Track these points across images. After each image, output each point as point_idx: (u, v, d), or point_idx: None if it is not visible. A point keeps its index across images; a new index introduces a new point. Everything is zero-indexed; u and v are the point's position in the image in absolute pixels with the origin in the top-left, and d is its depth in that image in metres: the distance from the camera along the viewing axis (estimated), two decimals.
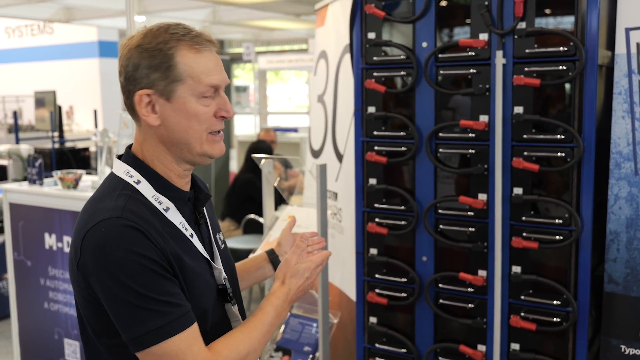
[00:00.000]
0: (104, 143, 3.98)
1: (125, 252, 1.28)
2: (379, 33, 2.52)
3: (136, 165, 1.43)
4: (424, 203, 2.49)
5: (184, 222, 1.43)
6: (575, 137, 2.15)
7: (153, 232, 1.32)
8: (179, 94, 1.36)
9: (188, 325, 1.32)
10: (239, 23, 11.12)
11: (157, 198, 1.40)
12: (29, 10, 9.86)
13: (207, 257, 1.48)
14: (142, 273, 1.28)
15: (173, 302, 1.30)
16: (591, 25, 2.11)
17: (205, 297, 1.44)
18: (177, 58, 1.35)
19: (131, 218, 1.31)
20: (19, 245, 4.03)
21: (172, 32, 1.37)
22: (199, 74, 1.36)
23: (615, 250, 2.21)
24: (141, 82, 1.37)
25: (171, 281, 1.33)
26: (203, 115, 1.38)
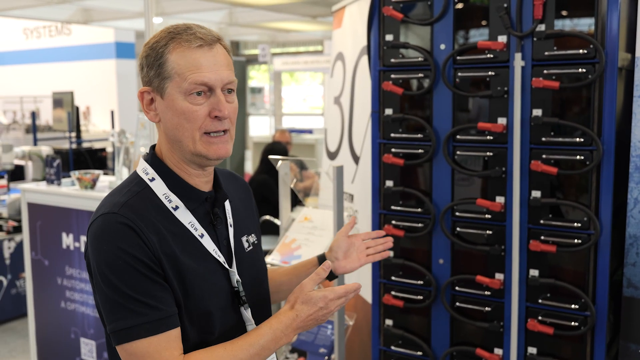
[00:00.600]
0: (121, 144, 4.01)
1: (113, 247, 1.31)
2: (397, 35, 2.52)
3: (153, 163, 1.45)
4: (440, 205, 2.48)
5: (194, 221, 1.42)
6: (595, 140, 2.13)
7: (147, 231, 1.33)
8: (169, 91, 1.37)
9: (162, 330, 1.31)
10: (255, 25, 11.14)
11: (167, 196, 1.41)
12: (47, 12, 9.95)
13: (220, 258, 1.45)
14: (124, 270, 1.30)
15: (151, 304, 1.30)
16: (611, 28, 2.10)
17: (209, 299, 1.41)
18: (167, 55, 1.37)
19: (127, 215, 1.33)
20: (37, 244, 4.07)
21: (169, 31, 1.39)
22: (184, 71, 1.35)
23: (634, 254, 2.19)
24: (143, 80, 1.42)
25: (155, 283, 1.32)
26: (191, 114, 1.36)
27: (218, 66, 1.38)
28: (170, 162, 1.44)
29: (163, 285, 1.33)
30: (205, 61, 1.36)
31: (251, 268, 1.56)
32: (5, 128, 11.27)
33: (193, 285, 1.38)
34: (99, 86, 13.53)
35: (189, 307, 1.38)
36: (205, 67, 1.36)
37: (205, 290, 1.41)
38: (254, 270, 1.57)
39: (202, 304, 1.40)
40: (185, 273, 1.37)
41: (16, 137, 10.89)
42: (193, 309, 1.38)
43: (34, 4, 8.93)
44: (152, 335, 1.30)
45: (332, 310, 1.41)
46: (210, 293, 1.42)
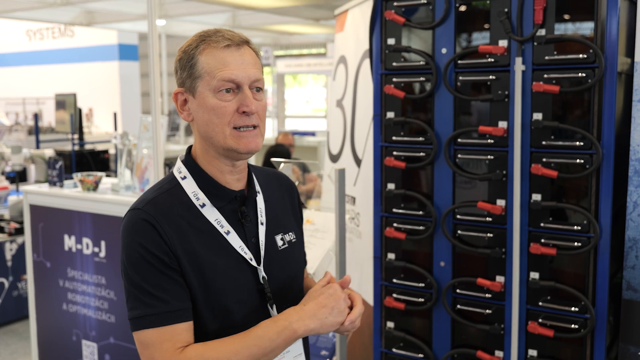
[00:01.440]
0: (124, 146, 4.03)
1: (132, 241, 1.41)
2: (399, 39, 2.54)
3: (187, 163, 1.53)
4: (442, 208, 2.50)
5: (220, 219, 1.48)
6: (594, 144, 2.15)
7: (167, 227, 1.41)
8: (200, 90, 1.45)
9: (167, 323, 1.38)
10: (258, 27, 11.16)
11: (196, 194, 1.48)
12: (50, 14, 9.97)
13: (246, 255, 1.49)
14: (140, 264, 1.39)
15: (160, 298, 1.38)
16: (611, 33, 2.12)
17: (231, 293, 1.46)
18: (197, 56, 1.45)
19: (149, 211, 1.42)
20: (39, 246, 4.07)
21: (200, 35, 1.48)
22: (213, 69, 1.43)
23: (633, 257, 2.20)
24: (178, 82, 1.51)
25: (168, 277, 1.39)
26: (220, 110, 1.43)
27: (245, 65, 1.45)
28: (203, 160, 1.51)
29: (175, 280, 1.40)
30: (232, 60, 1.44)
31: (284, 266, 1.59)
32: (7, 130, 11.29)
33: (213, 280, 1.44)
34: (102, 88, 13.55)
35: (209, 301, 1.44)
36: (232, 65, 1.43)
37: (227, 285, 1.46)
38: (287, 268, 1.60)
39: (222, 298, 1.45)
40: (205, 268, 1.43)
41: (18, 138, 10.91)
42: (213, 303, 1.44)
43: (37, 6, 8.95)
44: (157, 327, 1.38)
45: (341, 296, 1.47)
46: (231, 288, 1.47)
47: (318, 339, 2.99)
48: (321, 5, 8.78)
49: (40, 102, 13.55)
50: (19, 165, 6.98)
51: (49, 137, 10.48)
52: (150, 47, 3.34)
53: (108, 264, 3.67)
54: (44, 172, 6.41)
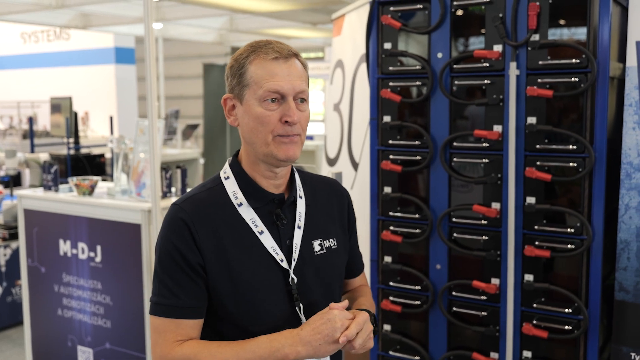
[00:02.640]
0: (120, 150, 4.03)
1: (164, 236, 1.54)
2: (395, 43, 2.57)
3: (232, 165, 1.62)
4: (438, 211, 2.53)
5: (255, 219, 1.55)
6: (587, 148, 2.18)
7: (199, 225, 1.51)
8: (247, 98, 1.53)
9: (173, 317, 1.50)
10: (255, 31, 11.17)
11: (235, 193, 1.57)
12: (45, 17, 9.94)
13: (277, 256, 1.55)
14: (166, 257, 1.52)
15: (174, 292, 1.50)
16: (603, 38, 2.15)
17: (258, 290, 1.52)
18: (247, 66, 1.53)
19: (185, 207, 1.53)
20: (33, 251, 4.04)
21: (252, 45, 1.56)
22: (260, 79, 1.50)
23: (625, 259, 2.24)
24: (228, 88, 1.59)
25: (187, 276, 1.50)
26: (265, 118, 1.50)
27: (291, 77, 1.52)
28: (245, 163, 1.59)
29: (194, 281, 1.50)
30: (279, 71, 1.51)
31: (318, 270, 1.62)
32: (2, 133, 11.26)
33: (240, 275, 1.51)
34: (98, 91, 13.52)
35: (236, 295, 1.51)
36: (279, 76, 1.50)
37: (254, 282, 1.52)
38: (322, 273, 1.63)
39: (249, 294, 1.52)
40: (233, 263, 1.51)
41: (13, 142, 10.87)
42: (239, 297, 1.51)
43: (32, 9, 8.94)
44: (164, 317, 1.50)
45: (338, 324, 1.45)
46: (259, 286, 1.53)
47: None
48: (319, 10, 8.80)
49: (35, 105, 13.51)
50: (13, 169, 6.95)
51: (44, 141, 10.45)
52: (147, 50, 3.35)
53: (104, 269, 3.66)
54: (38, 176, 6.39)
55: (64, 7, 8.78)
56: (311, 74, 9.63)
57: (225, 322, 1.54)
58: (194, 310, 1.51)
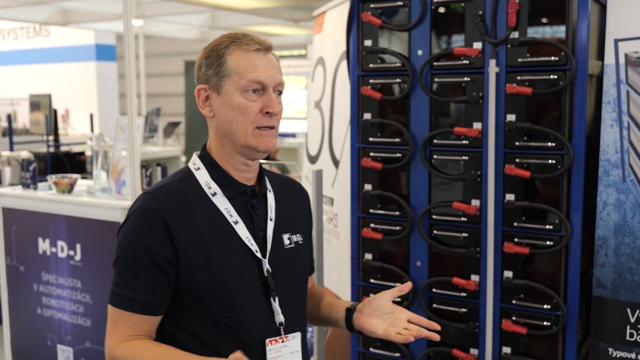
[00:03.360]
0: (99, 147, 4.00)
1: (133, 225, 1.50)
2: (376, 40, 2.56)
3: (202, 156, 1.60)
4: (418, 209, 2.53)
5: (230, 208, 1.55)
6: (566, 145, 2.19)
7: (175, 214, 1.48)
8: (226, 88, 1.52)
9: (126, 309, 1.49)
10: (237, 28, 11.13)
11: (208, 183, 1.56)
12: (25, 13, 9.84)
13: (252, 247, 1.54)
14: (129, 247, 1.49)
15: (131, 284, 1.48)
16: (581, 36, 2.16)
17: (234, 281, 1.51)
18: (227, 56, 1.52)
19: (159, 196, 1.51)
20: (12, 250, 4.00)
21: (229, 37, 1.55)
22: (242, 70, 1.50)
23: (603, 255, 2.25)
24: (201, 78, 1.56)
25: (147, 270, 1.47)
26: (247, 109, 1.50)
27: (272, 68, 1.53)
28: (217, 156, 1.58)
29: (156, 277, 1.48)
30: (261, 63, 1.52)
31: (288, 264, 1.63)
32: None
33: (217, 265, 1.50)
34: (79, 89, 13.40)
35: (212, 285, 1.49)
36: (261, 67, 1.51)
37: (230, 272, 1.51)
38: (292, 267, 1.64)
39: (225, 284, 1.50)
40: (210, 252, 1.50)
41: None
42: (215, 288, 1.49)
43: (11, 5, 8.84)
44: (116, 307, 1.50)
45: None
46: (235, 276, 1.52)
47: None
48: (300, 7, 8.80)
49: (15, 103, 13.36)
50: None
51: (23, 138, 10.34)
52: (126, 47, 3.32)
53: (84, 268, 3.63)
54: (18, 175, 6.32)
55: (44, 3, 8.69)
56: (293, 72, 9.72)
57: (195, 315, 1.51)
58: (149, 306, 1.49)
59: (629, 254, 2.21)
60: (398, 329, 1.62)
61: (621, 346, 2.25)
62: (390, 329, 1.62)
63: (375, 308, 1.66)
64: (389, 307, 1.66)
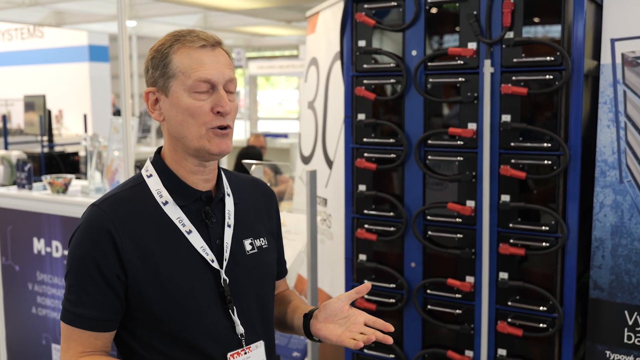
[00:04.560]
0: (94, 148, 3.98)
1: (80, 238, 1.44)
2: (369, 41, 2.54)
3: (155, 161, 1.52)
4: (413, 209, 2.51)
5: (182, 217, 1.46)
6: (562, 146, 2.18)
7: (121, 228, 1.41)
8: (174, 89, 1.43)
9: (77, 326, 1.42)
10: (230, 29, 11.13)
11: (159, 192, 1.48)
12: (19, 14, 9.82)
13: (207, 256, 1.47)
14: (77, 261, 1.42)
15: (82, 300, 1.42)
16: (577, 36, 2.15)
17: (188, 293, 1.43)
18: (172, 55, 1.43)
19: (106, 209, 1.43)
20: (7, 250, 4.01)
21: (174, 34, 1.47)
22: (188, 69, 1.42)
23: (600, 257, 2.24)
24: (148, 81, 1.48)
25: (97, 285, 1.40)
26: (196, 110, 1.41)
27: (220, 65, 1.44)
28: (170, 160, 1.50)
29: (105, 293, 1.41)
30: (208, 60, 1.43)
31: (251, 270, 1.56)
32: None
33: (169, 278, 1.42)
34: (72, 89, 13.37)
35: (165, 299, 1.42)
36: (208, 65, 1.42)
37: (184, 284, 1.43)
38: (254, 273, 1.57)
39: (178, 297, 1.42)
40: (161, 266, 1.42)
41: None
42: (169, 301, 1.42)
43: (5, 6, 8.81)
44: (68, 324, 1.43)
45: None
46: (189, 288, 1.44)
47: (290, 340, 2.98)
48: (292, 7, 8.79)
49: (9, 103, 13.32)
50: None
51: (17, 139, 10.31)
52: (120, 48, 3.30)
53: None
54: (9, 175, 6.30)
55: (37, 4, 8.67)
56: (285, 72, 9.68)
57: (152, 329, 1.44)
58: (100, 322, 1.42)
59: (626, 256, 2.19)
60: (353, 334, 1.53)
61: (619, 349, 2.23)
62: (345, 334, 1.53)
63: (330, 313, 1.57)
64: (345, 311, 1.57)
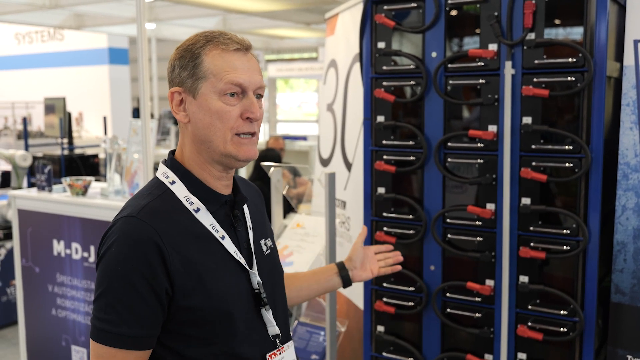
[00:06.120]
0: (113, 150, 4.01)
1: (124, 254, 1.33)
2: (389, 42, 2.54)
3: (173, 167, 1.47)
4: (432, 212, 2.50)
5: (215, 224, 1.44)
6: (584, 148, 2.16)
7: (167, 239, 1.34)
8: (203, 91, 1.40)
9: (122, 347, 1.33)
10: (249, 31, 11.16)
11: (188, 199, 1.43)
12: (39, 17, 9.93)
13: (241, 260, 1.47)
14: (121, 279, 1.32)
15: (124, 319, 1.32)
16: (600, 37, 2.13)
17: (231, 300, 1.42)
18: (203, 57, 1.40)
19: (146, 219, 1.35)
20: (27, 251, 4.05)
21: (205, 35, 1.43)
22: (220, 72, 1.39)
23: (622, 260, 2.21)
24: (174, 80, 1.44)
25: (145, 302, 1.32)
26: (225, 114, 1.39)
27: (252, 70, 1.42)
28: (192, 164, 1.46)
29: (151, 307, 1.34)
30: (240, 64, 1.40)
31: (270, 271, 1.57)
32: None
33: (214, 287, 1.40)
34: (92, 92, 13.50)
35: (210, 309, 1.39)
36: (240, 69, 1.40)
37: (227, 291, 1.42)
38: (272, 274, 1.58)
39: (224, 305, 1.41)
40: (206, 275, 1.39)
41: (7, 142, 10.86)
42: (214, 311, 1.39)
43: (26, 9, 8.92)
44: (111, 347, 1.33)
45: None
46: (231, 294, 1.43)
47: (308, 343, 2.98)
48: (312, 9, 8.80)
49: (30, 106, 13.48)
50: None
51: (38, 141, 10.43)
52: (140, 50, 3.33)
53: None
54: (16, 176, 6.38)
55: (58, 7, 8.76)
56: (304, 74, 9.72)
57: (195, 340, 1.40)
58: (144, 340, 1.35)
59: None
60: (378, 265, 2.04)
61: None
62: (375, 269, 2.02)
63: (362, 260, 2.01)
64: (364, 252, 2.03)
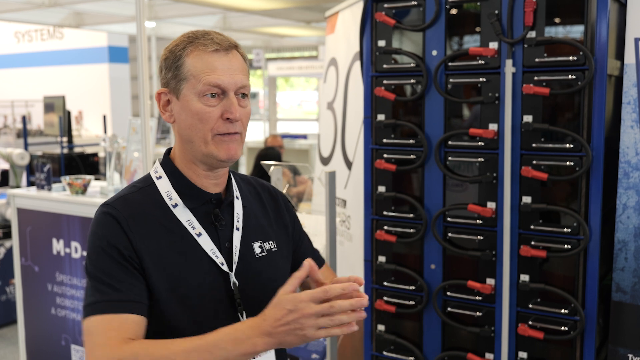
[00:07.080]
0: (113, 149, 4.01)
1: (94, 233, 1.42)
2: (389, 41, 2.53)
3: (164, 163, 1.52)
4: (432, 211, 2.50)
5: (192, 220, 1.46)
6: (584, 147, 2.15)
7: (132, 223, 1.40)
8: (184, 93, 1.43)
9: (118, 312, 1.33)
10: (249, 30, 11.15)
11: (169, 194, 1.48)
12: (39, 15, 9.92)
13: (217, 259, 1.46)
14: (98, 254, 1.39)
15: (113, 285, 1.36)
16: (600, 35, 2.12)
17: (198, 296, 1.43)
18: (184, 58, 1.43)
19: (117, 207, 1.43)
20: (27, 250, 4.04)
21: (189, 36, 1.46)
22: (199, 73, 1.41)
23: (623, 259, 2.21)
24: (162, 81, 1.49)
25: (124, 269, 1.37)
26: (205, 115, 1.41)
27: (232, 70, 1.43)
28: (180, 162, 1.50)
29: (133, 274, 1.38)
30: (220, 65, 1.42)
31: (260, 274, 1.55)
32: None
33: (179, 281, 1.41)
34: (92, 90, 13.49)
35: (174, 302, 1.41)
36: (219, 70, 1.42)
37: (194, 287, 1.43)
38: (264, 276, 1.56)
39: (189, 300, 1.42)
40: (171, 269, 1.41)
41: (7, 141, 10.85)
42: (179, 304, 1.41)
43: (25, 7, 8.90)
44: (106, 314, 1.33)
45: (306, 314, 1.24)
46: (200, 291, 1.44)
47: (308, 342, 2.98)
48: (312, 8, 8.79)
49: (29, 104, 13.47)
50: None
51: (37, 140, 10.42)
52: (139, 49, 3.32)
53: None
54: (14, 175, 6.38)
55: (57, 5, 8.74)
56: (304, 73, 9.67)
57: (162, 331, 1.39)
58: (137, 304, 1.35)
59: None
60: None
61: None
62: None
63: None
64: None
